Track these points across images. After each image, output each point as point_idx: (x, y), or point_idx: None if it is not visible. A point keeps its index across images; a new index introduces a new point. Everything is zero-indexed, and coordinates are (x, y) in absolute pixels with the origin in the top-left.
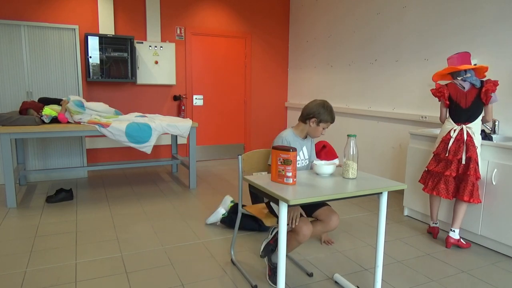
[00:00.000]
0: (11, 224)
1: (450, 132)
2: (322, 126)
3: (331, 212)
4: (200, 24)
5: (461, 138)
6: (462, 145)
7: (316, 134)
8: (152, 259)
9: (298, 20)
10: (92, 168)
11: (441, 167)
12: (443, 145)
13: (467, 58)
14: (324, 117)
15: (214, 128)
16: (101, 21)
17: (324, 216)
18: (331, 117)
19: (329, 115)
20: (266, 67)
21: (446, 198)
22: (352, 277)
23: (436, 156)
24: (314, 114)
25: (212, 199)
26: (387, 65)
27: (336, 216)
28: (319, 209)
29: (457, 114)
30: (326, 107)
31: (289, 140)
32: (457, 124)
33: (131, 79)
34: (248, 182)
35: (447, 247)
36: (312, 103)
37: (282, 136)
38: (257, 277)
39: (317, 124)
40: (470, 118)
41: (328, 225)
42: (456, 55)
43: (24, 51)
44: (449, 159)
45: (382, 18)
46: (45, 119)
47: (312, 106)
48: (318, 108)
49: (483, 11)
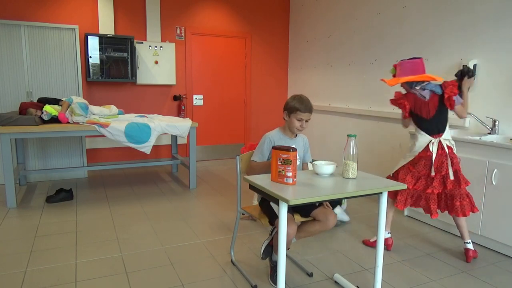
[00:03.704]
0: (11, 224)
1: (428, 147)
2: (294, 117)
3: (328, 211)
4: (200, 24)
5: (443, 152)
6: (446, 160)
7: (292, 127)
8: (152, 259)
9: (298, 20)
10: (92, 168)
11: (421, 184)
12: (424, 162)
13: (421, 66)
14: (291, 105)
15: (214, 128)
16: (101, 21)
17: (321, 216)
18: (299, 105)
19: (297, 103)
20: (266, 67)
21: (427, 214)
22: (352, 277)
23: (414, 173)
24: (285, 107)
25: (212, 199)
26: (388, 65)
27: (333, 216)
28: (316, 208)
29: (425, 126)
30: (294, 97)
31: (275, 139)
32: (433, 137)
33: (131, 79)
34: (248, 182)
35: (467, 262)
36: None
37: (267, 136)
38: (257, 277)
39: (288, 116)
40: (441, 129)
41: (325, 225)
42: (407, 63)
43: (24, 51)
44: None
45: (382, 18)
46: (45, 116)
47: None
48: (288, 100)
49: (483, 11)
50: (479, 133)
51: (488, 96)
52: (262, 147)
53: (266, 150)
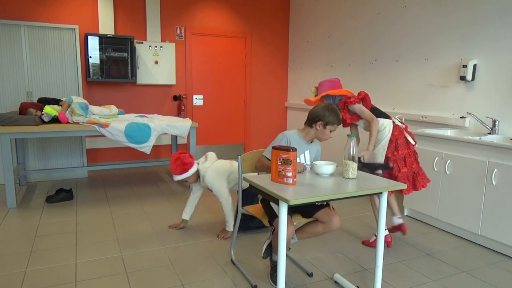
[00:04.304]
0: (11, 224)
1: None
2: (329, 128)
3: (332, 213)
4: (200, 24)
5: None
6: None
7: (324, 137)
8: (152, 259)
9: (298, 20)
10: (92, 168)
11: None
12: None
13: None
14: (330, 119)
15: (214, 128)
16: (101, 21)
17: (325, 218)
18: (337, 119)
19: (335, 116)
20: (266, 67)
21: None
22: (352, 277)
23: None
24: (320, 117)
25: (212, 199)
26: (387, 65)
27: (337, 217)
28: (320, 210)
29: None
30: (331, 109)
31: (292, 140)
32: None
33: (131, 79)
34: (248, 182)
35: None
36: (317, 107)
37: (285, 134)
38: (257, 277)
39: (324, 127)
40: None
41: (329, 226)
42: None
43: (24, 51)
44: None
45: (382, 18)
46: (45, 117)
47: (318, 110)
48: (323, 111)
49: (483, 11)
50: (479, 133)
51: (488, 96)
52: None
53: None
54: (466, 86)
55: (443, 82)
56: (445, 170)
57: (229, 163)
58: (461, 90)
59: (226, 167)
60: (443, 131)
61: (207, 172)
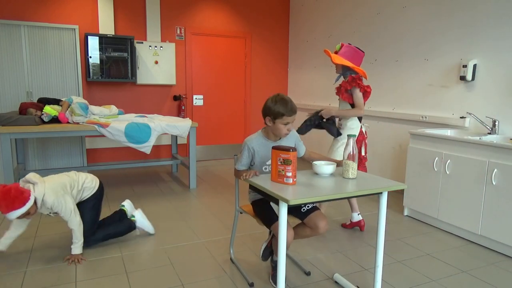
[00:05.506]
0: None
1: (362, 131)
2: (279, 122)
3: (318, 218)
4: (200, 24)
5: (366, 135)
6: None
7: (279, 133)
8: (152, 259)
9: (298, 20)
10: (92, 168)
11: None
12: (360, 145)
13: (360, 59)
14: (276, 110)
15: (214, 128)
16: (101, 21)
17: (311, 224)
18: (284, 109)
19: (281, 107)
20: (266, 67)
21: None
22: (352, 277)
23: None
24: (266, 112)
25: (212, 199)
26: (387, 65)
27: (324, 223)
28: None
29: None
30: (276, 100)
31: (254, 145)
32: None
33: (131, 79)
34: (248, 182)
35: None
36: (266, 101)
37: (246, 142)
38: (256, 275)
39: (273, 121)
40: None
41: (315, 231)
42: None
43: (24, 51)
44: (360, 158)
45: (382, 18)
46: (45, 117)
47: (264, 104)
48: (268, 104)
49: (483, 10)
50: (479, 133)
51: (488, 96)
52: (242, 156)
53: (245, 158)
54: (466, 86)
55: (443, 82)
56: (445, 170)
57: (63, 176)
58: (461, 90)
59: (62, 181)
60: (443, 131)
61: (46, 195)
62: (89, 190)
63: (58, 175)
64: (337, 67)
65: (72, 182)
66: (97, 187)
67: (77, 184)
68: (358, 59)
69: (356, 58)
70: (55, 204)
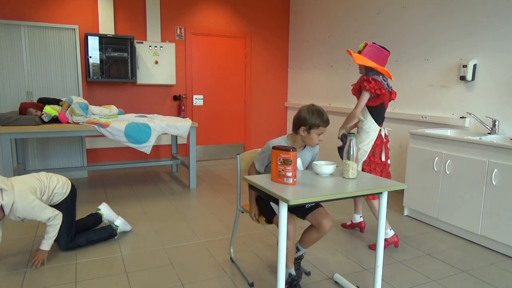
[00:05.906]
0: (11, 224)
1: (380, 135)
2: (314, 132)
3: (321, 215)
4: (200, 24)
5: (386, 140)
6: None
7: (312, 143)
8: (152, 259)
9: (298, 20)
10: (92, 168)
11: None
12: (379, 150)
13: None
14: (313, 122)
15: (214, 128)
16: (101, 21)
17: (314, 221)
18: (320, 121)
19: (318, 118)
20: (266, 67)
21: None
22: (352, 277)
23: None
24: (302, 122)
25: (212, 199)
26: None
27: (327, 219)
28: (311, 212)
29: (381, 116)
30: (312, 111)
31: None
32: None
33: (131, 79)
34: (248, 182)
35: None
36: (300, 111)
37: (269, 144)
38: (256, 275)
39: (308, 132)
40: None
41: (320, 230)
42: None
43: (24, 51)
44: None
45: (382, 18)
46: (45, 117)
47: (299, 115)
48: (304, 115)
49: (483, 10)
50: (479, 133)
51: (488, 96)
52: (264, 156)
53: (263, 159)
54: (466, 86)
55: (443, 82)
56: (445, 170)
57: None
58: (461, 90)
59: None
60: (443, 131)
61: (16, 204)
62: (60, 196)
63: (28, 176)
64: (360, 68)
65: (43, 188)
66: (68, 192)
67: (48, 190)
68: (382, 59)
69: (381, 58)
70: (26, 213)
